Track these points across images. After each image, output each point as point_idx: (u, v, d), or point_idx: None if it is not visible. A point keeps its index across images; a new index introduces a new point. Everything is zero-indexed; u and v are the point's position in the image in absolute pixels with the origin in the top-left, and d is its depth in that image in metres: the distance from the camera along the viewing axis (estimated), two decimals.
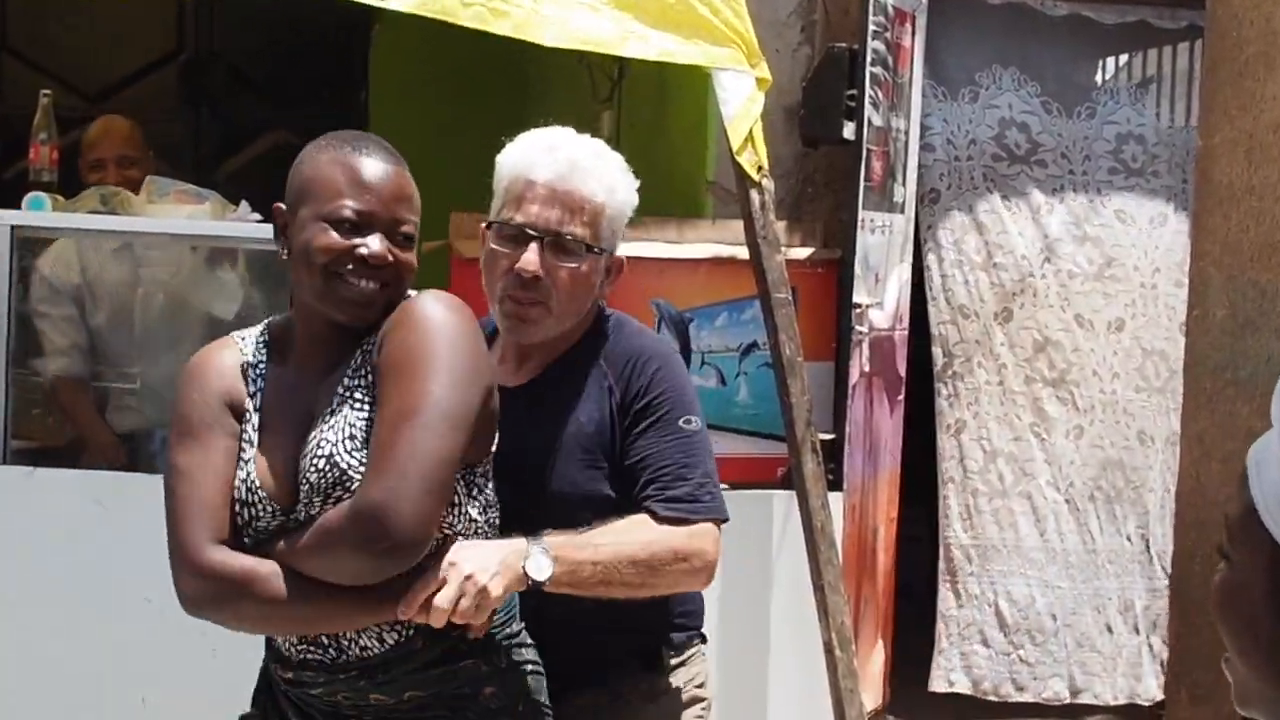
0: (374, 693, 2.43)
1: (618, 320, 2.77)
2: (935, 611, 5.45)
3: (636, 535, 2.56)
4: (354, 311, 2.42)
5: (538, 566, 2.42)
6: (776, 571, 4.63)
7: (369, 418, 2.36)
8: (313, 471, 2.35)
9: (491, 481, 2.50)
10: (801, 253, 4.89)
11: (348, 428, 2.36)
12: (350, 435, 2.36)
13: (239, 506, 2.40)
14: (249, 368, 2.49)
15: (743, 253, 4.27)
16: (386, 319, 2.42)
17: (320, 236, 2.40)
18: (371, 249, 2.40)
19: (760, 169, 4.09)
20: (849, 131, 4.85)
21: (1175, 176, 5.59)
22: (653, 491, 2.61)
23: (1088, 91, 5.56)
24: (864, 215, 4.84)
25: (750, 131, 4.05)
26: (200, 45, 8.65)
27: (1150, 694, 5.50)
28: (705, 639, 2.84)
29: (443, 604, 2.32)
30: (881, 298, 5.05)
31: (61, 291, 4.55)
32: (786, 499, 4.47)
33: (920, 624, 5.52)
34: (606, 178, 2.70)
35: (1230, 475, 1.33)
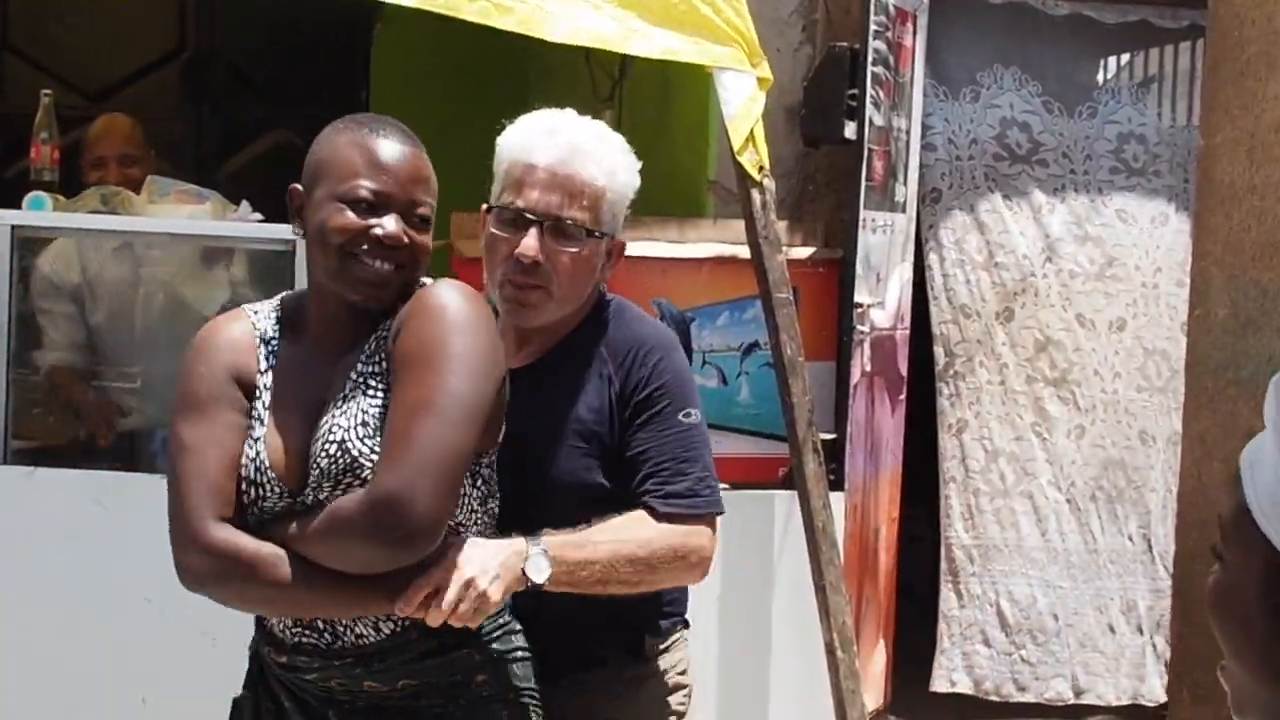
0: (368, 680, 2.43)
1: (618, 306, 2.76)
2: (937, 611, 5.45)
3: (635, 533, 2.56)
4: (368, 292, 2.41)
5: (537, 568, 2.42)
6: (778, 572, 4.62)
7: (383, 405, 2.36)
8: (324, 457, 2.35)
9: (494, 470, 2.50)
10: (803, 252, 4.89)
11: (360, 414, 2.36)
12: (363, 422, 2.35)
13: (246, 485, 2.38)
14: (262, 342, 2.47)
15: (744, 252, 4.27)
16: (402, 305, 2.42)
17: (336, 216, 2.40)
18: (387, 229, 2.39)
19: (761, 168, 4.08)
20: (850, 131, 4.85)
21: (1177, 176, 5.58)
22: (652, 486, 2.61)
23: (1089, 91, 5.56)
24: (865, 215, 4.83)
25: (751, 131, 4.05)
26: (201, 44, 8.64)
27: (1154, 695, 5.49)
28: (688, 624, 2.84)
29: (443, 608, 2.33)
30: (883, 297, 5.05)
31: (61, 289, 4.55)
32: (788, 499, 4.46)
33: (922, 624, 5.51)
34: (607, 161, 2.68)
35: (1232, 475, 1.33)
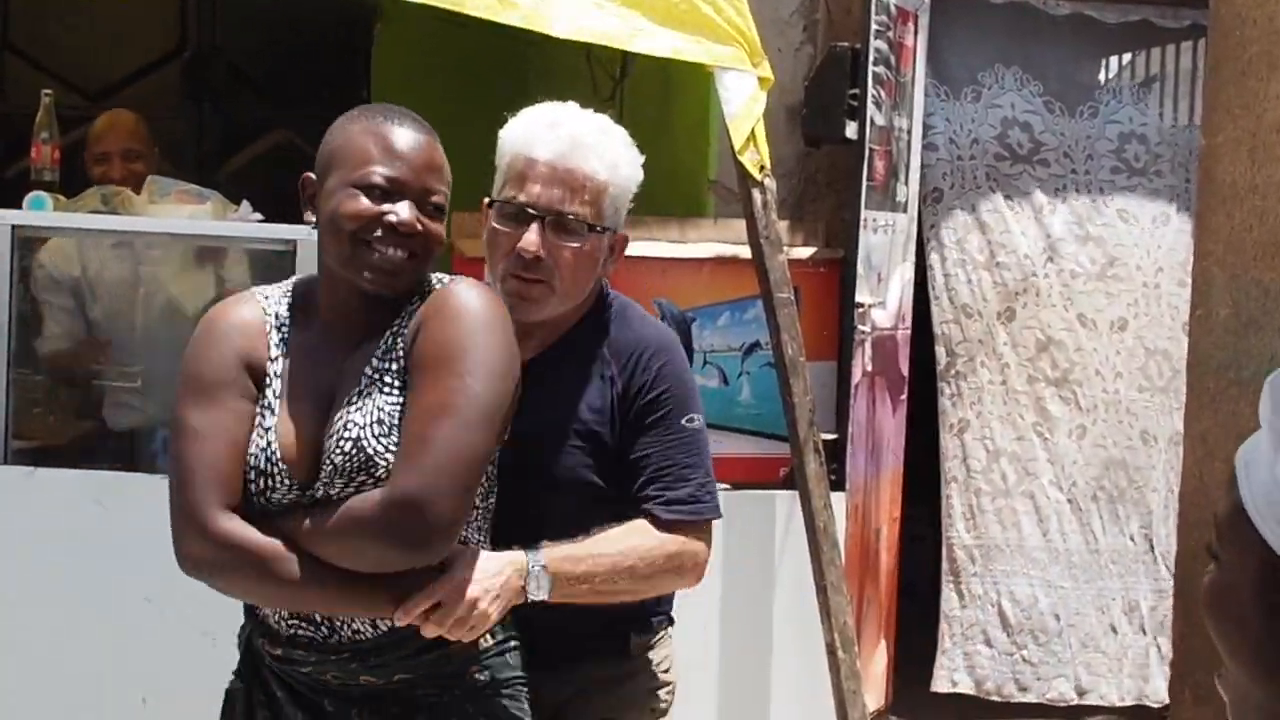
0: (364, 674, 2.43)
1: (621, 305, 2.76)
2: (938, 612, 5.45)
3: (634, 545, 2.57)
4: (381, 280, 2.40)
5: (537, 585, 2.45)
6: (779, 572, 4.62)
7: (399, 403, 2.35)
8: (338, 454, 2.34)
9: (495, 466, 2.50)
10: (804, 252, 4.88)
11: (376, 412, 2.35)
12: (379, 420, 2.35)
13: (254, 475, 2.37)
14: (274, 328, 2.46)
15: (745, 252, 4.26)
16: (414, 296, 2.42)
17: (349, 203, 2.39)
18: (401, 216, 2.39)
19: (762, 168, 4.08)
20: (851, 131, 4.84)
21: (1178, 176, 5.58)
22: (654, 492, 2.61)
23: (1090, 91, 5.55)
24: (866, 215, 4.83)
25: (752, 131, 4.05)
26: (202, 44, 8.65)
27: (1159, 695, 5.48)
28: (673, 622, 2.85)
29: (441, 628, 2.36)
30: (884, 297, 5.05)
31: (61, 283, 4.55)
32: (789, 499, 4.46)
33: (923, 624, 5.51)
34: (609, 155, 2.67)
35: (1228, 475, 1.32)
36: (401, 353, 2.39)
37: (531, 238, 2.60)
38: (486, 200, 2.70)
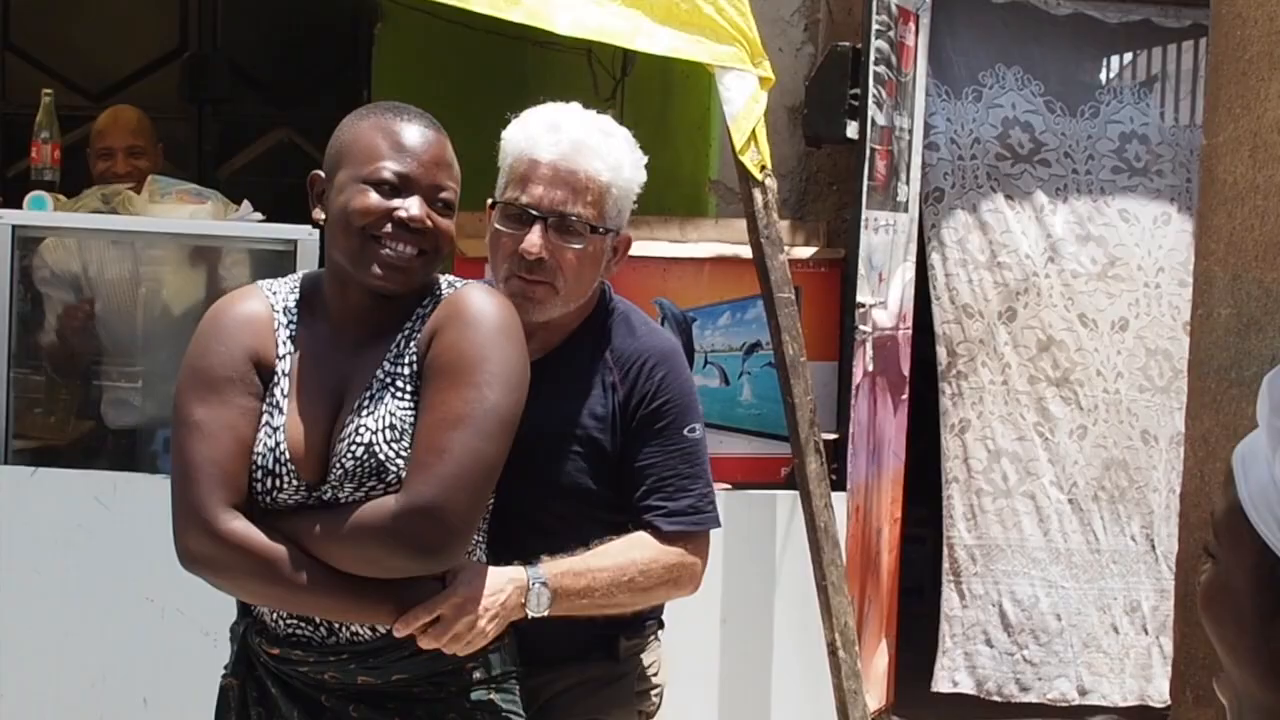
0: (362, 674, 2.43)
1: (624, 311, 2.75)
2: (939, 611, 5.44)
3: (634, 558, 2.58)
4: (390, 276, 2.39)
5: (537, 602, 2.46)
6: (780, 572, 4.62)
7: (411, 409, 2.35)
8: (349, 458, 2.33)
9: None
10: (805, 252, 4.88)
11: (388, 417, 2.35)
12: (390, 425, 2.34)
13: (261, 474, 2.36)
14: (282, 325, 2.45)
15: (746, 252, 4.26)
16: (429, 303, 2.41)
17: (359, 198, 2.38)
18: (410, 211, 2.38)
19: (763, 168, 4.08)
20: (852, 130, 4.84)
21: (1179, 176, 5.57)
22: (656, 503, 2.62)
23: (1091, 90, 5.55)
24: (867, 214, 4.83)
25: (753, 130, 4.05)
26: (203, 43, 8.65)
27: (1162, 695, 5.47)
28: (663, 625, 2.85)
29: (438, 642, 2.36)
30: (885, 297, 5.04)
31: (61, 278, 4.55)
32: (790, 499, 4.46)
33: (924, 624, 5.51)
34: (612, 156, 2.66)
35: (1225, 474, 1.32)
36: (414, 358, 2.38)
37: (534, 239, 2.60)
38: (490, 201, 2.70)
